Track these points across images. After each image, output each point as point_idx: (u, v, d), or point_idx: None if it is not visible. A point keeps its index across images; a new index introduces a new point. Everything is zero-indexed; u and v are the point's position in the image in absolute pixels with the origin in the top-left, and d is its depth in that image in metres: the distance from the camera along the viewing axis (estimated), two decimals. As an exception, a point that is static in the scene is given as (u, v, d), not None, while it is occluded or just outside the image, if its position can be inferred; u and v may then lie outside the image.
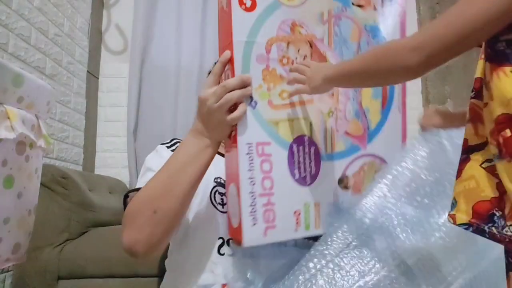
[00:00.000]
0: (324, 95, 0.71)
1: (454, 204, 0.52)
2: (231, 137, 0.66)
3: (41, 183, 0.78)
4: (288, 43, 0.68)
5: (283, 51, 0.68)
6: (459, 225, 0.50)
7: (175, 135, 1.93)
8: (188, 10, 2.03)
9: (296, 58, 0.69)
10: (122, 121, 1.99)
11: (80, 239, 1.23)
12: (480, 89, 0.51)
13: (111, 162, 2.01)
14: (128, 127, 1.92)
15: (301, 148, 0.68)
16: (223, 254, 0.78)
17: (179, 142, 0.91)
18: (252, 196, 0.63)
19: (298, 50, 0.69)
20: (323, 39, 0.71)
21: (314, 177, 0.68)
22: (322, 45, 0.71)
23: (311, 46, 0.71)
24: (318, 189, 0.68)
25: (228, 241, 0.79)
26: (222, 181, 0.84)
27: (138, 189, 0.74)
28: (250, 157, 0.64)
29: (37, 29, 1.49)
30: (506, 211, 0.46)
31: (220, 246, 0.79)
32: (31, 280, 1.16)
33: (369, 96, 0.76)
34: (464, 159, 0.52)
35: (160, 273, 1.17)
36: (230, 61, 0.65)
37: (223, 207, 0.81)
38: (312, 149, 0.69)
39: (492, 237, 0.48)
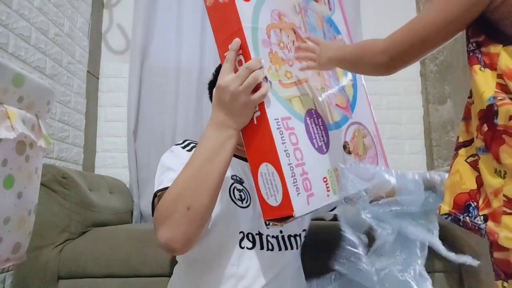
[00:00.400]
0: (314, 74, 0.81)
1: (443, 197, 0.57)
2: (256, 118, 0.69)
3: (41, 183, 0.78)
4: (280, 30, 0.76)
5: (279, 36, 0.76)
6: (442, 215, 0.55)
7: (175, 135, 1.93)
8: (188, 10, 2.03)
9: (288, 43, 0.77)
10: (122, 121, 1.99)
11: (80, 239, 1.23)
12: None
13: (111, 162, 2.01)
14: (128, 127, 1.92)
15: (312, 120, 0.74)
16: (243, 248, 0.81)
17: (192, 143, 0.93)
18: (290, 167, 0.66)
19: (288, 36, 0.78)
20: (301, 27, 0.81)
21: (327, 146, 0.75)
22: (302, 32, 0.81)
23: (294, 32, 0.79)
24: (333, 156, 0.75)
25: (248, 235, 0.82)
26: (238, 178, 0.86)
27: (165, 189, 0.75)
28: (280, 131, 0.67)
29: (37, 29, 1.49)
30: (480, 202, 0.51)
31: (241, 240, 0.81)
32: (31, 280, 1.16)
33: (341, 74, 0.91)
34: (454, 156, 0.57)
35: (160, 273, 1.17)
36: (242, 46, 0.68)
37: (242, 203, 0.83)
38: (320, 121, 0.76)
39: (465, 225, 0.52)
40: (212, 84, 1.07)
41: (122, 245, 1.22)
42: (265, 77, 0.69)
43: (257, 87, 0.67)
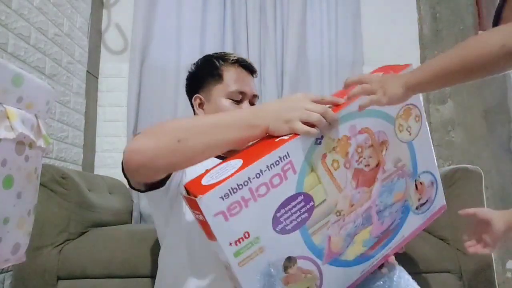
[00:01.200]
0: (346, 203, 0.70)
1: None
2: (280, 138, 0.66)
3: (40, 183, 0.78)
4: (371, 145, 0.71)
5: (365, 145, 0.71)
6: None
7: (175, 135, 1.93)
8: (188, 10, 2.03)
9: (363, 157, 0.71)
10: (122, 121, 1.99)
11: (80, 239, 1.23)
12: None
13: (111, 162, 2.00)
14: (128, 127, 1.92)
15: (302, 203, 0.65)
16: None
17: None
18: (247, 182, 0.60)
19: (370, 157, 0.72)
20: (385, 171, 0.74)
21: (282, 232, 0.64)
22: (381, 175, 0.73)
23: (377, 164, 0.73)
24: (274, 243, 0.64)
25: None
26: None
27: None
28: (277, 161, 0.63)
29: (36, 29, 1.49)
30: None
31: None
32: (31, 281, 1.16)
33: (361, 239, 0.74)
34: None
35: (160, 273, 1.17)
36: (336, 106, 0.68)
37: None
38: (305, 215, 0.66)
39: None
40: (191, 75, 1.06)
41: (122, 246, 1.21)
42: (322, 136, 0.66)
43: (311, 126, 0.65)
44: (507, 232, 0.82)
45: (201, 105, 1.02)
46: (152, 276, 1.19)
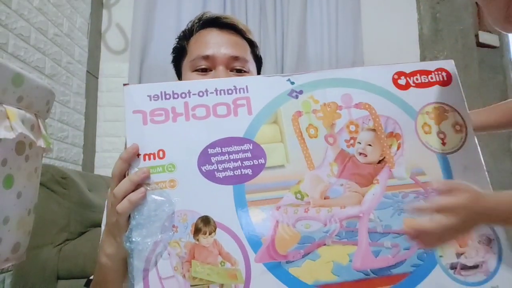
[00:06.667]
0: (318, 184, 0.52)
1: None
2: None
3: (40, 183, 0.78)
4: (373, 130, 0.55)
5: (362, 124, 0.55)
6: None
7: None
8: (188, 10, 2.03)
9: (359, 143, 0.54)
10: (121, 121, 1.99)
11: (80, 239, 1.23)
12: None
13: (111, 162, 2.00)
14: (127, 127, 1.92)
15: (247, 154, 0.51)
16: None
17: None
18: (185, 94, 0.53)
19: (369, 145, 0.54)
20: (393, 177, 0.53)
21: (209, 177, 0.50)
22: (384, 178, 0.53)
23: (380, 161, 0.54)
24: (192, 185, 0.50)
25: None
26: None
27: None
28: (230, 90, 0.54)
29: (36, 29, 1.49)
30: None
31: None
32: (31, 280, 1.16)
33: (331, 259, 0.52)
34: None
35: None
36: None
37: None
38: (247, 171, 0.51)
39: None
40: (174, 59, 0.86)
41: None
42: (302, 91, 0.54)
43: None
44: None
45: None
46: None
